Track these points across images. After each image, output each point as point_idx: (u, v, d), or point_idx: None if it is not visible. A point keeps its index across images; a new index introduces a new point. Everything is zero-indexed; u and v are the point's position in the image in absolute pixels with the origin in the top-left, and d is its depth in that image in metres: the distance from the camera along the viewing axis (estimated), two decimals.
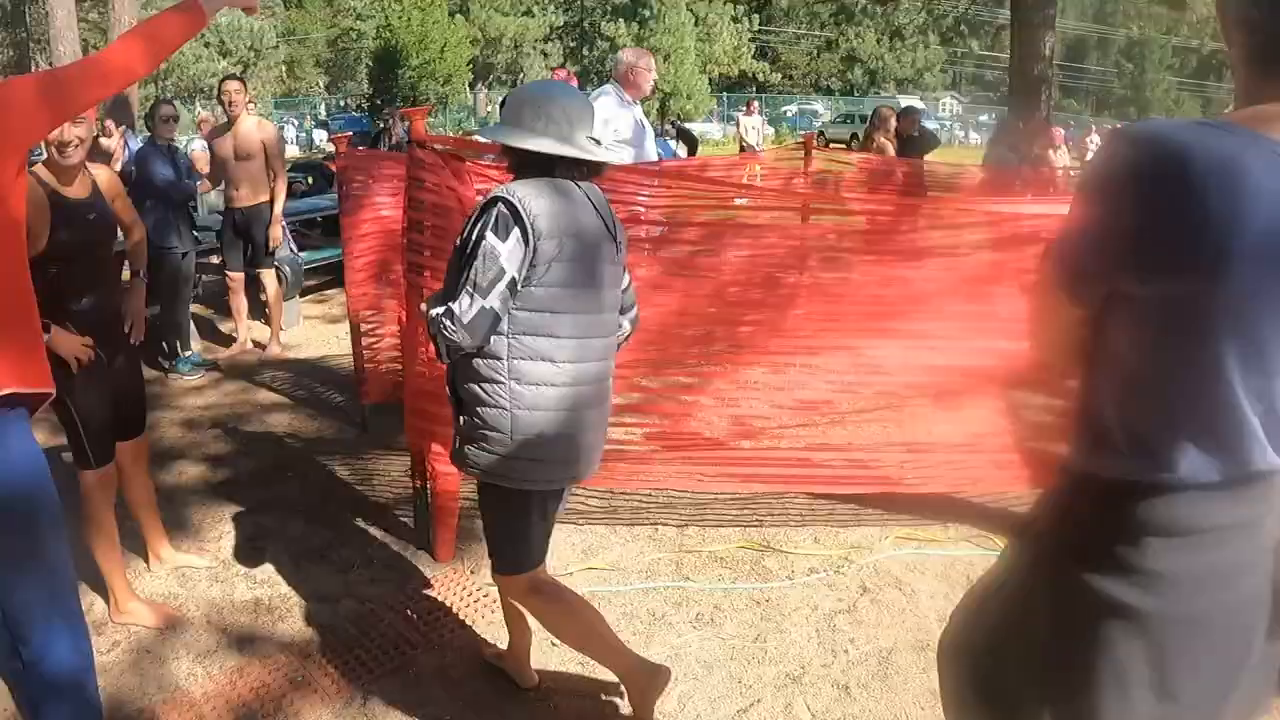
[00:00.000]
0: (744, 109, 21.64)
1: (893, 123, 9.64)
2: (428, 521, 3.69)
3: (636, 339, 2.81)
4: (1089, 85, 62.39)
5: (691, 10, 41.19)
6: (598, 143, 2.40)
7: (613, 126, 5.48)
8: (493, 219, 2.22)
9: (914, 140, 9.97)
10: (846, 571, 3.60)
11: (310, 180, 11.31)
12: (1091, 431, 1.31)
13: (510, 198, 2.22)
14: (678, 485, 3.99)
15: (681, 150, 15.11)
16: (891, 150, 9.17)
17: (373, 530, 3.93)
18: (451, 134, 20.15)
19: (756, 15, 47.85)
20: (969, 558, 3.73)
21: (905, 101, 30.24)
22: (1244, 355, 1.18)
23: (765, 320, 3.95)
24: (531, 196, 2.24)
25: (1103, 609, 1.27)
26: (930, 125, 13.28)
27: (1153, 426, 1.25)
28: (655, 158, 6.08)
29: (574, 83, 11.81)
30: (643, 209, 4.15)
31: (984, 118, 46.81)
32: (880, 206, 4.87)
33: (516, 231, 2.21)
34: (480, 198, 2.50)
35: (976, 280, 3.64)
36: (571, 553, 3.69)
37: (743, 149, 17.68)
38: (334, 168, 6.59)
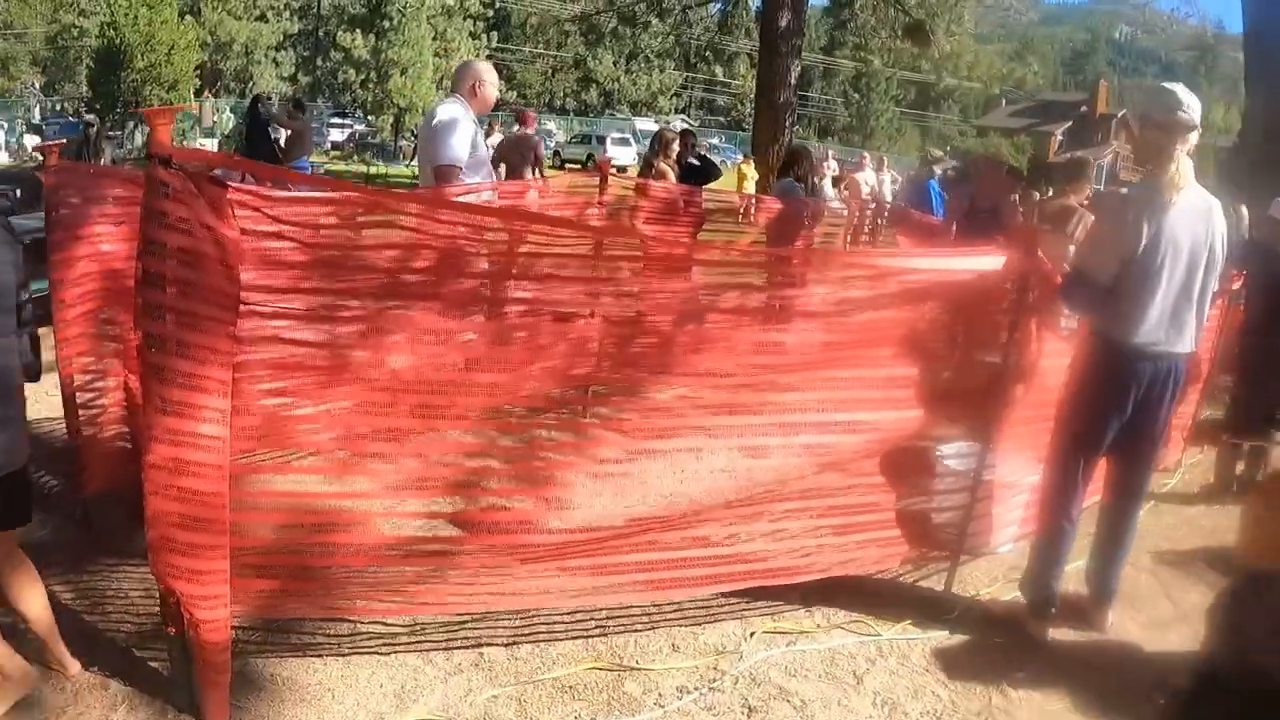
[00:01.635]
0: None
1: (675, 147, 9.21)
2: (189, 678, 2.68)
3: None
4: (812, 113, 66.39)
5: (431, 24, 39.96)
6: None
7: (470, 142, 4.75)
8: None
9: (696, 169, 9.60)
10: (722, 686, 3.02)
11: (19, 193, 9.45)
12: None
13: None
14: (531, 603, 3.26)
15: None
16: (673, 177, 8.76)
17: (114, 684, 2.81)
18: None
19: (494, 33, 47.41)
20: (849, 649, 3.28)
21: (640, 124, 29.77)
22: None
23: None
24: None
25: None
26: None
27: None
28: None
29: (533, 126, 10.64)
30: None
31: (714, 141, 48.28)
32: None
33: None
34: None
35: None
36: (383, 698, 2.84)
37: None
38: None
